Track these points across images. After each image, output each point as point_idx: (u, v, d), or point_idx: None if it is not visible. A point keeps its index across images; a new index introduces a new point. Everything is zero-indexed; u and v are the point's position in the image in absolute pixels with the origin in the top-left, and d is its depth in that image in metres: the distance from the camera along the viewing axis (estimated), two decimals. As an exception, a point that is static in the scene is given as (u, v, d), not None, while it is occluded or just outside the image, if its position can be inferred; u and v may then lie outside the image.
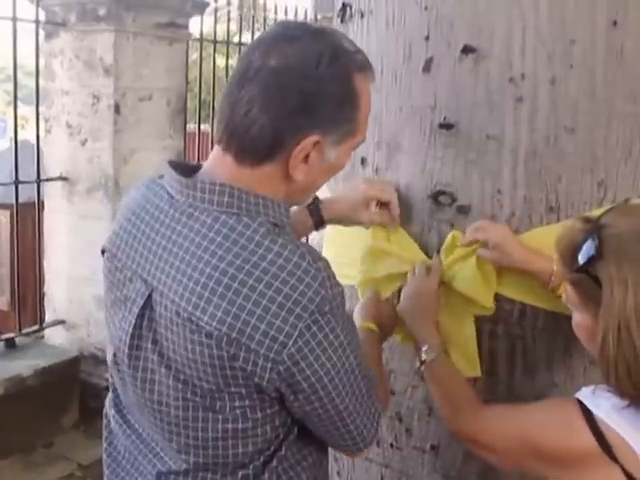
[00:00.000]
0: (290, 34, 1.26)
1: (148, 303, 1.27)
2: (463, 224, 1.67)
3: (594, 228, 1.26)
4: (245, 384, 1.20)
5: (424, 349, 1.60)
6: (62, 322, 4.59)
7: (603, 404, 1.27)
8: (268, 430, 1.28)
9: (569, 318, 1.60)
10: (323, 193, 1.73)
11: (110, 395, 1.47)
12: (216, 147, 1.30)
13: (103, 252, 1.42)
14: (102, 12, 4.35)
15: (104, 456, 1.47)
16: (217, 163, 1.30)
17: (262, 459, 1.30)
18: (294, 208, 1.75)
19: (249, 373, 1.18)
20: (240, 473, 1.29)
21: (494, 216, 1.64)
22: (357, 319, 1.65)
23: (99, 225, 4.39)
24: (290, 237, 1.25)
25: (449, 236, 1.68)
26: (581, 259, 1.25)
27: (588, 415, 1.26)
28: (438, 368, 1.59)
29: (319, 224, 1.73)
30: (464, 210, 1.67)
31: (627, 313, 1.19)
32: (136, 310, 1.28)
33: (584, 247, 1.25)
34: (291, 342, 1.16)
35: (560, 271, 1.35)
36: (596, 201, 1.61)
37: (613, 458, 1.24)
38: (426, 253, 1.71)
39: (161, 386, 1.27)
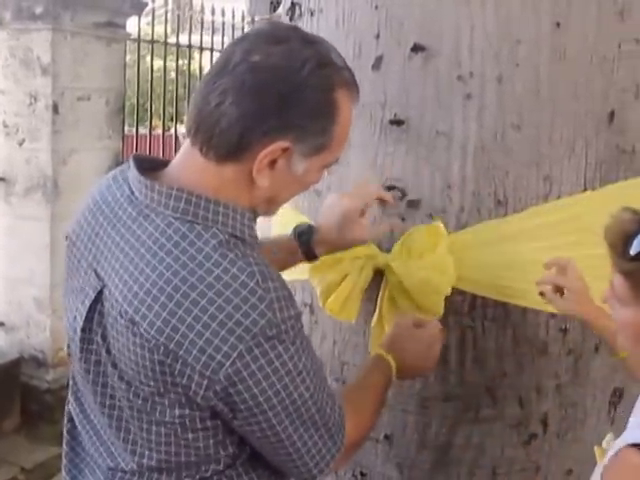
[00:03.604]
0: (279, 35, 1.22)
1: (99, 298, 1.25)
2: (413, 218, 1.70)
3: None
4: (184, 393, 1.17)
5: None
6: (1, 324, 4.50)
7: None
8: (211, 444, 1.24)
9: (518, 309, 1.66)
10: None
11: (70, 382, 1.43)
12: (186, 140, 1.27)
13: (67, 238, 1.40)
14: (38, 10, 4.30)
15: (64, 446, 1.44)
16: (185, 158, 1.27)
17: (211, 472, 1.27)
18: (282, 235, 1.71)
19: (185, 385, 1.16)
20: None
21: (444, 210, 1.68)
22: (382, 345, 1.58)
23: (37, 226, 4.33)
24: (245, 251, 1.20)
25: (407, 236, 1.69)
26: (635, 248, 1.22)
27: None
28: None
29: (311, 257, 1.67)
30: (414, 205, 1.70)
31: None
32: (87, 303, 1.27)
33: (638, 236, 1.22)
34: (229, 363, 1.13)
35: (611, 262, 1.30)
36: (542, 195, 1.67)
37: None
38: (378, 247, 1.73)
39: (111, 383, 1.26)
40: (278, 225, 2.04)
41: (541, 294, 1.58)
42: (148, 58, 6.07)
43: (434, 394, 1.74)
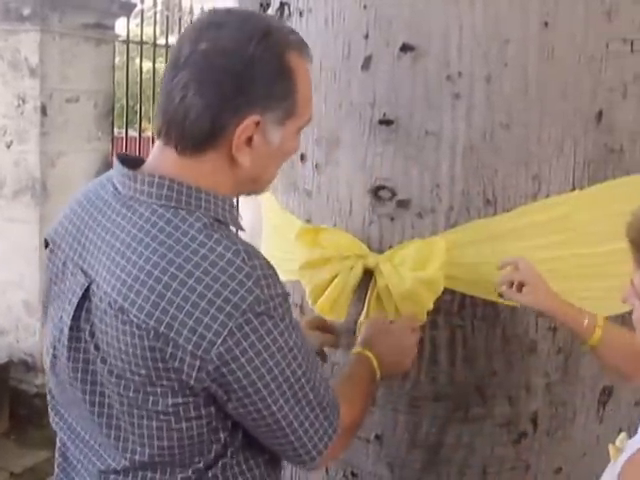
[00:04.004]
0: (219, 20, 1.26)
1: (86, 295, 1.26)
2: (403, 218, 1.71)
3: None
4: (177, 378, 1.18)
5: None
6: (-11, 328, 4.49)
7: None
8: (205, 432, 1.24)
9: (507, 308, 1.67)
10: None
11: (48, 397, 1.45)
12: (157, 142, 1.29)
13: (46, 244, 1.41)
14: (26, 12, 4.28)
15: (57, 457, 1.44)
16: (159, 158, 1.28)
17: (203, 462, 1.27)
18: None
19: (177, 369, 1.16)
20: (179, 476, 1.27)
21: (433, 210, 1.68)
22: (359, 343, 1.60)
23: (26, 229, 4.30)
24: (229, 233, 1.23)
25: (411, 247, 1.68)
26: None
27: None
28: None
29: None
30: (404, 204, 1.70)
31: None
32: (75, 301, 1.27)
33: None
34: (220, 341, 1.14)
35: (633, 259, 1.26)
36: (531, 195, 1.67)
37: None
38: (368, 247, 1.73)
39: (100, 380, 1.26)
40: (269, 228, 2.04)
41: (500, 295, 1.61)
42: (137, 60, 6.05)
43: (424, 393, 1.74)
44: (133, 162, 1.32)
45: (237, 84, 1.21)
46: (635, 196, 1.83)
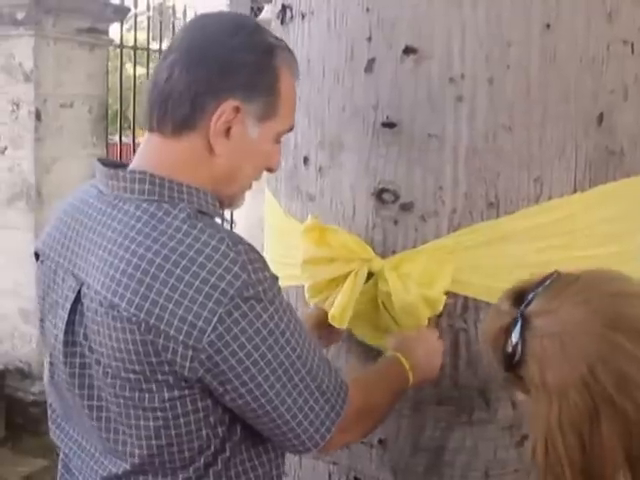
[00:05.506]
0: (210, 17, 1.35)
1: (78, 298, 1.26)
2: (406, 221, 1.70)
3: (517, 321, 1.16)
4: (171, 371, 1.17)
5: None
6: (-15, 336, 4.46)
7: None
8: (203, 426, 1.24)
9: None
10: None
11: (49, 412, 1.45)
12: (145, 134, 1.32)
13: (37, 256, 1.41)
14: (20, 16, 4.27)
15: (60, 468, 1.44)
16: (143, 151, 1.31)
17: (203, 460, 1.26)
18: None
19: (170, 361, 1.16)
20: (181, 476, 1.26)
21: (436, 213, 1.68)
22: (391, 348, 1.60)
23: (21, 236, 4.28)
24: (212, 223, 1.25)
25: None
26: (507, 361, 1.17)
27: None
28: None
29: None
30: (407, 207, 1.70)
31: (552, 429, 1.10)
32: (68, 306, 1.28)
33: (509, 348, 1.16)
34: (210, 328, 1.14)
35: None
36: (533, 197, 1.67)
37: None
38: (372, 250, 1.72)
39: (97, 383, 1.26)
40: (272, 232, 2.04)
41: None
42: (127, 65, 6.04)
43: (428, 397, 1.73)
44: (113, 165, 1.33)
45: (221, 68, 1.25)
46: (636, 198, 1.84)
